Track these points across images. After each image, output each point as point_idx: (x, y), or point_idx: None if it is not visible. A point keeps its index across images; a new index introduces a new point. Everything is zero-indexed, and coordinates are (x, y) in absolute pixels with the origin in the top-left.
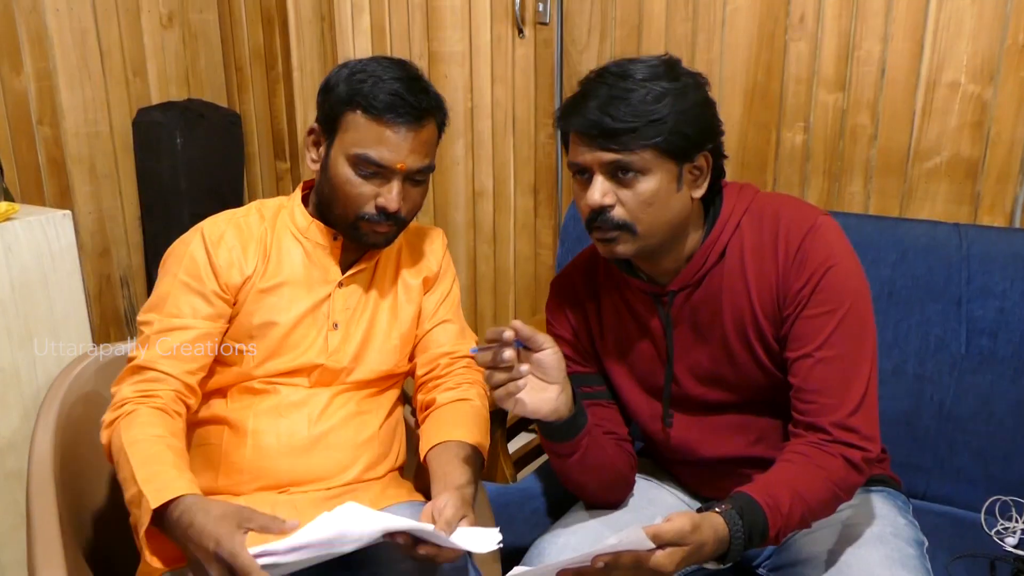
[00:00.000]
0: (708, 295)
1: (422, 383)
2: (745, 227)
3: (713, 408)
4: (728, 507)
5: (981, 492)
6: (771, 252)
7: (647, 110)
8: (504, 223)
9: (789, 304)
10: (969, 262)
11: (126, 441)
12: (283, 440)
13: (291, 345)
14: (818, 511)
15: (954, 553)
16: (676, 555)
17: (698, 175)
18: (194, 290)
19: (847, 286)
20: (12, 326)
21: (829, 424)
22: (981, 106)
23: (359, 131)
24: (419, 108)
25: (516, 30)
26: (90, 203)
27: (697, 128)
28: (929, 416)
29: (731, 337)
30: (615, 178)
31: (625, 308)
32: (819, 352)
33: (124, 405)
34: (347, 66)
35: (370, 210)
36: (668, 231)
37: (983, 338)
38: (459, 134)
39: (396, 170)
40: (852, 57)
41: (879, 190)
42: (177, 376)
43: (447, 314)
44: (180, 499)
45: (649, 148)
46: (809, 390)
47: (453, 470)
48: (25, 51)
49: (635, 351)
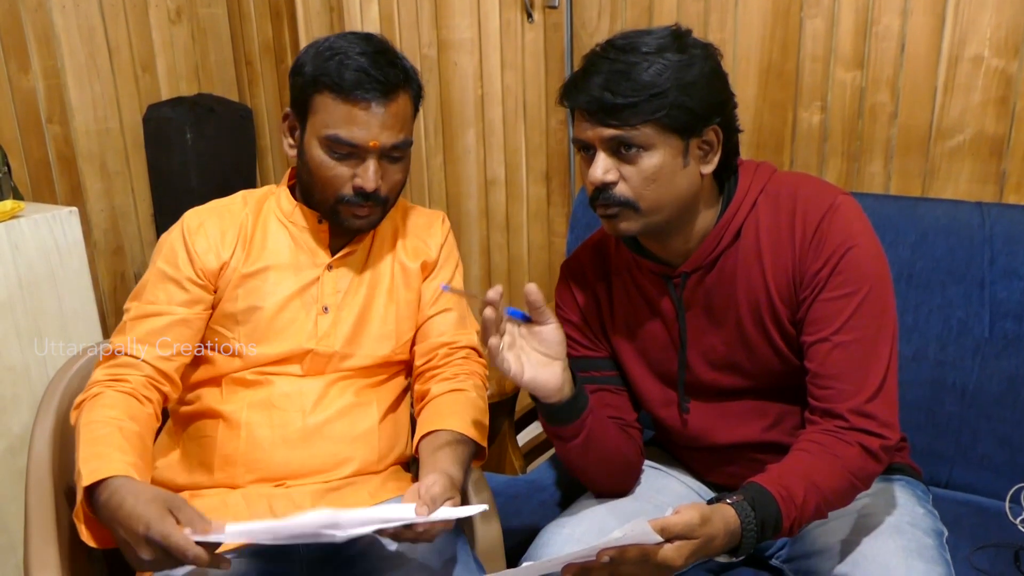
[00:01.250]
0: (722, 277)
1: (420, 373)
2: (761, 207)
3: (728, 394)
4: (740, 498)
5: (1006, 480)
6: (788, 233)
7: (648, 84)
8: (517, 212)
9: (806, 286)
10: (992, 242)
11: (83, 422)
12: (277, 432)
13: (278, 330)
14: (834, 501)
15: (977, 543)
16: (685, 549)
17: (707, 150)
18: (170, 278)
19: (867, 268)
20: (21, 324)
21: (846, 410)
22: (1006, 81)
23: (328, 112)
24: (387, 82)
25: (525, 15)
26: (102, 201)
27: (703, 102)
28: (951, 402)
29: (746, 321)
30: (618, 154)
31: (636, 292)
32: (837, 336)
33: (93, 387)
34: (314, 45)
35: (348, 192)
36: (675, 208)
37: (1007, 321)
38: (470, 123)
39: (369, 148)
40: (870, 33)
41: (900, 170)
42: (149, 361)
43: (448, 303)
44: (110, 480)
45: (651, 123)
46: (826, 375)
47: (441, 457)
48: (32, 49)
49: (647, 337)
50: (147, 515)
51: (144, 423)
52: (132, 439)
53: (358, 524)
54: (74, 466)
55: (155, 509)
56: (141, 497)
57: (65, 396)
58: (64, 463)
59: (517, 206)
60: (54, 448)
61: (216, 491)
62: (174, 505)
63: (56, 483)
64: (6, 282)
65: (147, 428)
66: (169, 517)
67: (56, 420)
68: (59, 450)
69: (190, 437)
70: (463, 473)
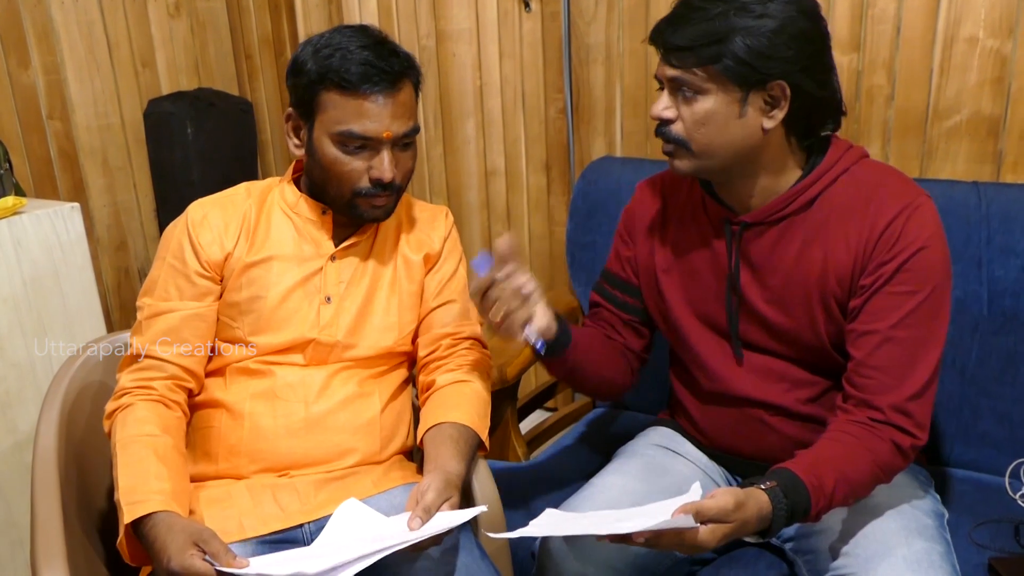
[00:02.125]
0: (782, 239)
1: (424, 364)
2: (841, 185)
3: (765, 351)
4: (773, 484)
5: (1006, 456)
6: (861, 218)
7: (710, 32)
8: (517, 202)
9: (869, 275)
10: (989, 221)
11: (118, 440)
12: (280, 422)
13: (282, 319)
14: (859, 492)
15: (978, 519)
16: (719, 531)
17: (772, 105)
18: (179, 272)
19: (934, 271)
20: (25, 321)
21: (885, 404)
22: (1001, 61)
23: (338, 108)
24: (392, 72)
25: (523, 4)
26: (104, 196)
27: (767, 56)
28: (951, 381)
29: (792, 287)
30: (679, 93)
31: (696, 232)
32: (892, 330)
33: (122, 396)
34: (311, 43)
35: (365, 184)
36: (729, 155)
37: (1005, 298)
38: (469, 113)
39: (383, 139)
40: (866, 16)
41: (898, 151)
42: (171, 360)
43: (451, 294)
44: (151, 515)
45: (706, 68)
46: (871, 366)
47: (444, 451)
48: (32, 45)
49: (697, 277)
50: (171, 548)
51: (176, 430)
52: (168, 457)
53: (370, 556)
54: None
55: (180, 542)
56: (172, 530)
57: (70, 391)
58: (69, 458)
59: (517, 196)
60: (59, 443)
61: (221, 482)
62: (201, 538)
63: (62, 478)
64: (9, 279)
65: (179, 434)
66: (191, 549)
67: (61, 415)
68: (64, 445)
69: (194, 428)
70: (465, 466)
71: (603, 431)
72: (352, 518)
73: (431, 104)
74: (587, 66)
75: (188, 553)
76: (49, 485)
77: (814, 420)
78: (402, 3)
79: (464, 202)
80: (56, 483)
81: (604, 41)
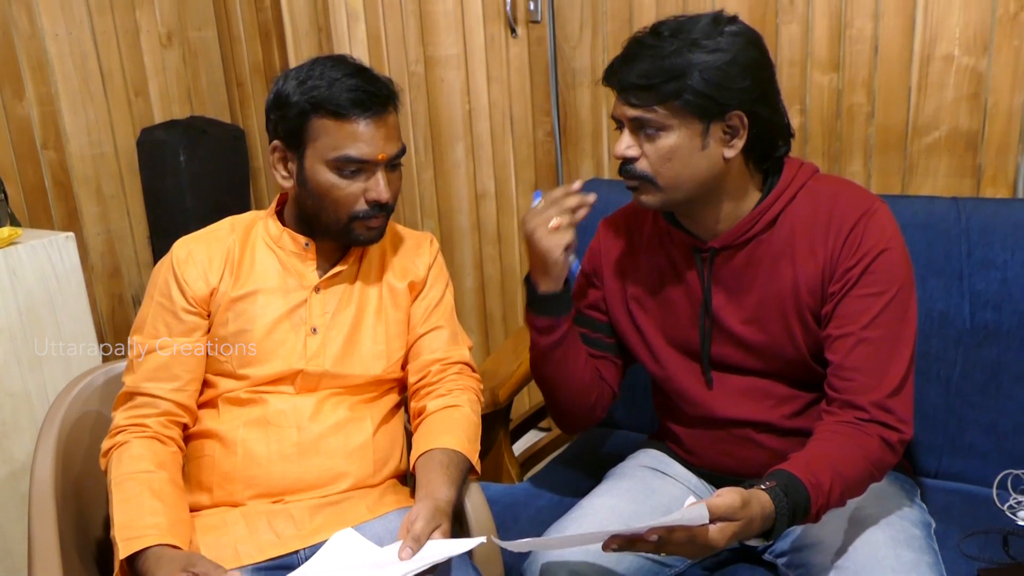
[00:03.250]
0: (752, 260)
1: (415, 391)
2: (800, 201)
3: (744, 372)
4: (772, 484)
5: (993, 467)
6: (823, 229)
7: (666, 69)
8: (508, 224)
9: (837, 281)
10: (969, 235)
11: (114, 478)
12: (273, 448)
13: (268, 351)
14: (854, 490)
15: (967, 530)
16: (728, 530)
17: (731, 135)
18: (167, 309)
19: (897, 271)
20: (21, 350)
21: (868, 403)
22: (977, 78)
23: (331, 135)
24: (381, 96)
25: (509, 30)
26: (98, 224)
27: (724, 88)
28: (936, 393)
29: (768, 304)
30: (640, 132)
31: (666, 261)
32: (864, 331)
33: (118, 435)
34: (292, 76)
35: (362, 207)
36: (694, 187)
37: (987, 311)
38: (459, 137)
39: (378, 161)
40: (844, 36)
41: (880, 168)
42: (165, 396)
43: (439, 320)
44: (146, 550)
45: (667, 105)
46: (849, 367)
47: (434, 478)
48: (27, 77)
49: (670, 307)
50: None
51: (171, 465)
52: (163, 492)
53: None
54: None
55: (169, 570)
56: (162, 561)
57: (66, 420)
58: (67, 487)
59: (508, 218)
60: (56, 472)
61: (216, 510)
62: (189, 562)
63: (59, 507)
64: (5, 309)
65: (175, 468)
66: (180, 574)
67: (57, 444)
68: (61, 473)
69: (188, 458)
70: (455, 491)
71: (595, 451)
72: (346, 548)
73: (421, 128)
74: (573, 89)
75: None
76: (46, 514)
77: (801, 433)
78: (391, 30)
79: (455, 225)
80: (53, 512)
81: (589, 65)
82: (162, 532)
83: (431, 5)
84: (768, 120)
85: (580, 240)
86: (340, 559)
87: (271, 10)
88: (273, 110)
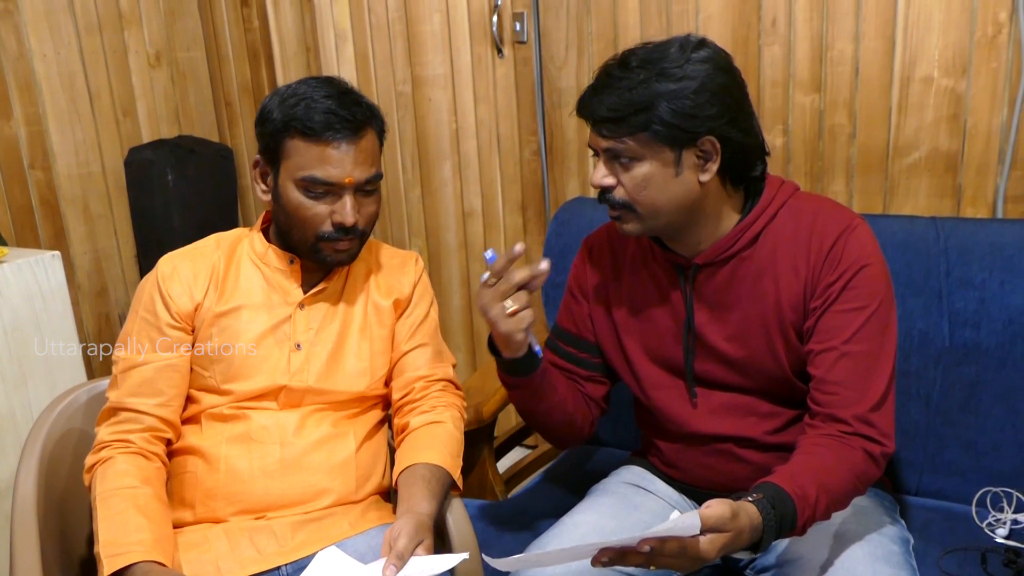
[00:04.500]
0: (734, 277)
1: (398, 407)
2: (782, 219)
3: (728, 388)
4: (760, 496)
5: (972, 484)
6: (805, 246)
7: (633, 100)
8: (495, 242)
9: (818, 297)
10: (947, 255)
11: (98, 494)
12: (255, 464)
13: (252, 367)
14: (839, 503)
15: (946, 547)
16: (718, 541)
17: (705, 160)
18: (151, 324)
19: (878, 286)
20: (6, 369)
21: (851, 416)
22: (956, 99)
23: (301, 155)
24: (355, 120)
25: (495, 50)
26: (85, 243)
27: (692, 116)
28: (916, 411)
29: (751, 321)
30: (616, 161)
31: (649, 278)
32: (845, 346)
33: (101, 450)
34: (278, 93)
35: (328, 228)
36: (673, 212)
37: (966, 329)
38: (446, 156)
39: (345, 185)
40: (826, 58)
41: (861, 188)
42: (148, 412)
43: (423, 338)
44: (130, 567)
45: (637, 136)
46: (832, 381)
47: (415, 493)
48: (14, 97)
49: (654, 324)
50: None
51: (155, 481)
52: (147, 508)
53: None
54: (63, 514)
55: None
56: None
57: (49, 438)
58: (50, 505)
59: (495, 236)
60: (39, 490)
61: (198, 527)
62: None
63: (41, 526)
64: None
65: (159, 484)
66: None
67: (40, 462)
68: (44, 492)
69: (171, 475)
70: (437, 505)
71: (579, 468)
72: (330, 566)
73: (408, 147)
74: (559, 109)
75: None
76: (28, 533)
77: (783, 448)
78: (379, 50)
79: (442, 243)
80: (35, 531)
81: (575, 85)
82: (147, 549)
83: (418, 25)
84: (741, 143)
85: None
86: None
87: (259, 30)
88: (257, 124)
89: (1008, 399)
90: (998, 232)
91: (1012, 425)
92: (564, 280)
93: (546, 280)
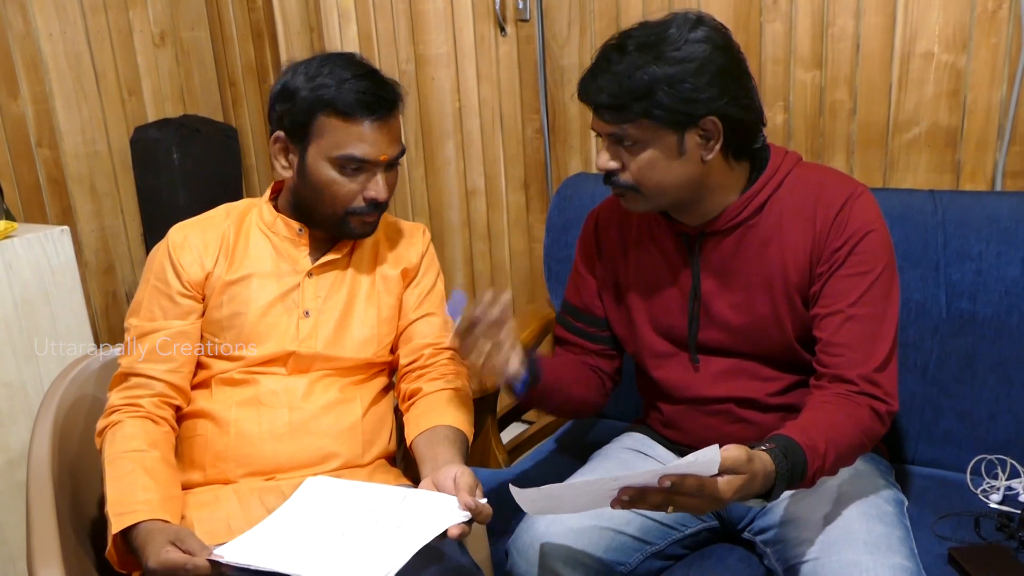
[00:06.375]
0: (740, 245)
1: (405, 372)
2: (787, 187)
3: (730, 354)
4: (772, 446)
5: (968, 453)
6: (811, 214)
7: (632, 88)
8: (498, 220)
9: (824, 262)
10: (945, 227)
11: (107, 456)
12: (264, 427)
13: (262, 333)
14: (847, 457)
15: (940, 513)
16: (734, 482)
17: (707, 139)
18: (163, 292)
19: (881, 252)
20: (16, 342)
21: (856, 376)
22: (956, 75)
23: (337, 133)
24: (389, 100)
25: (498, 28)
26: (92, 221)
27: (692, 99)
28: (913, 381)
29: (756, 288)
30: (619, 145)
31: (656, 249)
32: (851, 309)
33: (112, 414)
34: (299, 71)
35: (359, 204)
36: (680, 192)
37: (962, 301)
38: (449, 134)
39: (380, 162)
40: (826, 34)
41: (862, 164)
42: (159, 377)
43: (431, 307)
44: (137, 525)
45: (639, 121)
46: (837, 344)
47: (445, 451)
48: (21, 76)
49: (660, 292)
50: (150, 549)
51: (164, 444)
52: (155, 470)
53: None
54: (76, 477)
55: (159, 542)
56: (152, 534)
57: (63, 403)
58: (63, 469)
59: (497, 214)
60: (53, 454)
61: (209, 487)
62: (178, 537)
63: (56, 488)
64: (1, 301)
65: (167, 447)
66: (167, 546)
67: (54, 427)
68: (58, 456)
69: (181, 438)
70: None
71: (581, 439)
72: (320, 493)
73: (412, 126)
74: (562, 87)
75: (164, 550)
76: (44, 494)
77: (783, 409)
78: (382, 29)
79: (445, 221)
80: (50, 492)
81: (577, 63)
82: (153, 508)
83: (421, 4)
84: (742, 119)
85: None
86: (315, 505)
87: (263, 10)
88: (279, 102)
89: (1003, 369)
90: (995, 204)
91: (1007, 395)
92: (568, 255)
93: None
